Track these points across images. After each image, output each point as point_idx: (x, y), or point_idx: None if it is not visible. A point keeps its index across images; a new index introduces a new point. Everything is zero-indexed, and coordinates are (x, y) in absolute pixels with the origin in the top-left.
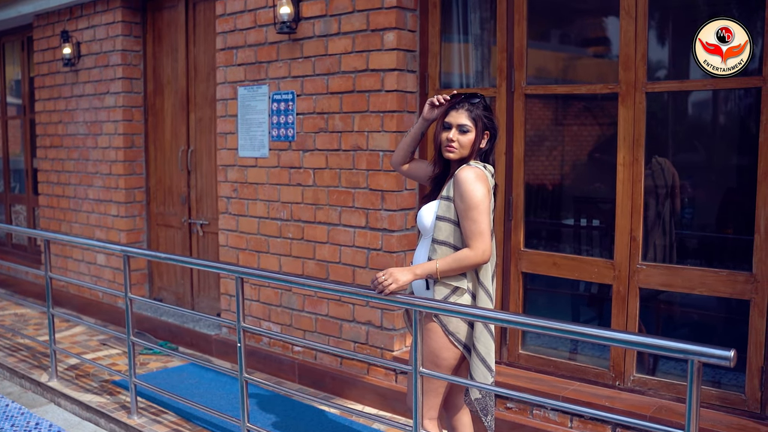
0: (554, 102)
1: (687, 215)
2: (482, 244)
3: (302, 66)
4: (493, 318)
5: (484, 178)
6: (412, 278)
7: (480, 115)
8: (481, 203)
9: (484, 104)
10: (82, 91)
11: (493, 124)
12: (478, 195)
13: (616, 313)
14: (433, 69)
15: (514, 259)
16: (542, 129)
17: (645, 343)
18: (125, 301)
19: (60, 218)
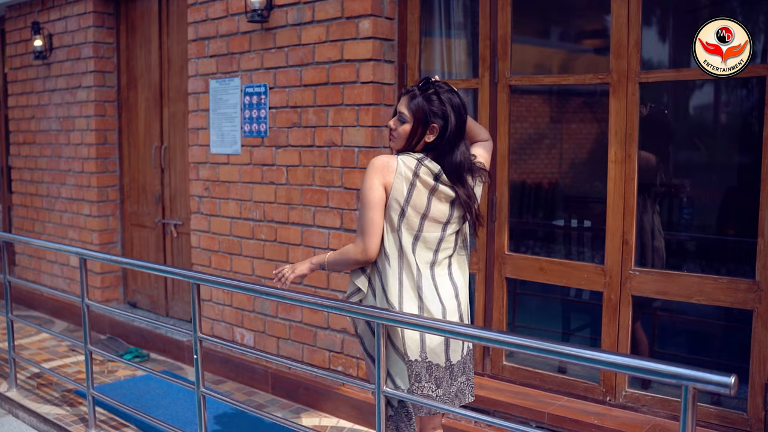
0: (541, 95)
1: (685, 216)
2: (362, 242)
3: (275, 57)
4: (452, 332)
5: (386, 169)
6: (308, 267)
7: (420, 106)
8: (365, 196)
9: (433, 94)
10: (55, 85)
11: (444, 116)
12: (365, 186)
13: (607, 323)
14: (412, 59)
15: (498, 264)
16: (529, 124)
17: (631, 365)
18: (82, 307)
19: (33, 217)
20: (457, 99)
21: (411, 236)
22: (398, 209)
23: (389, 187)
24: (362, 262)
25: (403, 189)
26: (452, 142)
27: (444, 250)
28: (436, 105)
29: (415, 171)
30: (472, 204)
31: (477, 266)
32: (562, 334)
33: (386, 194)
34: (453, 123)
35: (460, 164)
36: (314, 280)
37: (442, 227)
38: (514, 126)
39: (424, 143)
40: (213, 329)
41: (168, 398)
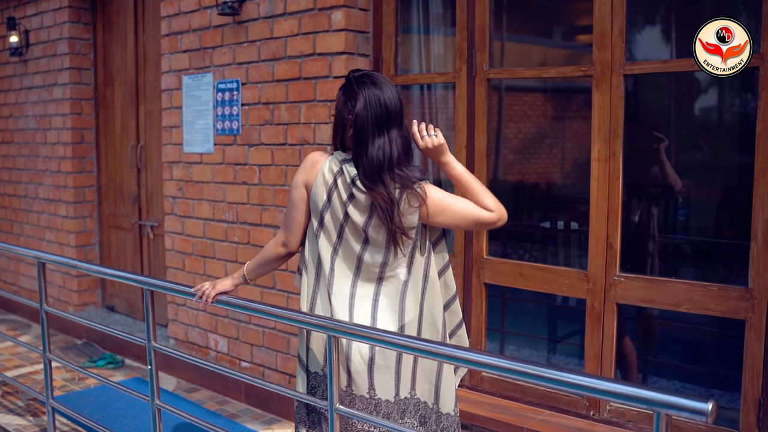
0: (522, 90)
1: (674, 219)
2: (282, 234)
3: (247, 51)
4: (403, 345)
5: (312, 168)
6: (231, 283)
7: (338, 98)
8: (290, 192)
9: (346, 86)
10: (31, 82)
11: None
12: (292, 182)
13: (591, 332)
14: (388, 52)
15: (476, 269)
16: (509, 120)
17: (597, 388)
18: (40, 314)
19: (12, 218)
20: (377, 91)
21: (330, 247)
22: (317, 214)
23: (310, 187)
24: (283, 255)
25: (323, 193)
26: (363, 137)
27: (368, 271)
28: (352, 96)
29: (336, 175)
30: (393, 208)
31: (455, 271)
32: (549, 341)
33: (308, 190)
34: (365, 115)
35: (375, 162)
36: (288, 285)
37: (361, 245)
38: (506, 124)
39: (348, 140)
40: (187, 335)
41: (137, 407)
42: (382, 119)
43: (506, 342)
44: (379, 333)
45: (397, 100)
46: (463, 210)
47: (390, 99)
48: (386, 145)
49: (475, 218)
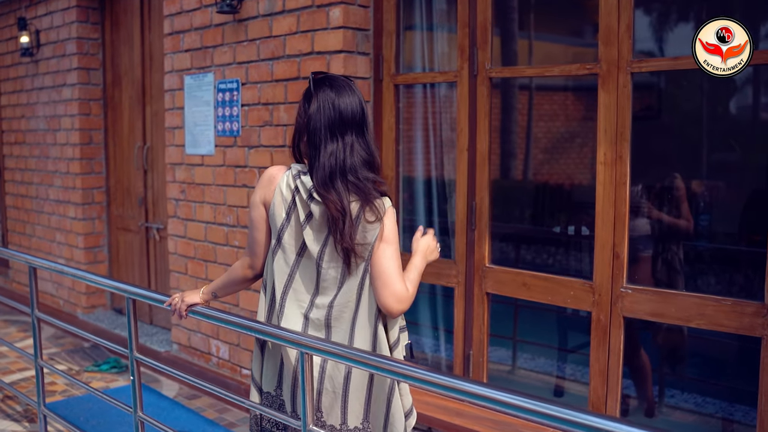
0: (525, 90)
1: (687, 227)
2: (247, 257)
3: (247, 50)
4: (380, 367)
5: (270, 183)
6: (200, 297)
7: (299, 104)
8: (250, 207)
9: (307, 88)
10: (42, 83)
11: (304, 111)
12: (251, 199)
13: (596, 347)
14: (389, 51)
15: (478, 278)
16: (511, 121)
17: (571, 420)
18: (32, 320)
19: (24, 219)
20: (332, 94)
21: (286, 270)
22: (276, 233)
23: (269, 205)
24: (250, 278)
25: (281, 211)
26: (315, 141)
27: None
28: (308, 99)
29: (294, 192)
30: (345, 219)
31: (456, 279)
32: (558, 350)
33: (267, 209)
34: (317, 118)
35: (327, 168)
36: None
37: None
38: (496, 125)
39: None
40: (190, 340)
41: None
42: (335, 124)
43: (518, 350)
44: (354, 352)
45: (357, 106)
46: (394, 262)
47: (346, 104)
48: (339, 152)
49: (394, 281)
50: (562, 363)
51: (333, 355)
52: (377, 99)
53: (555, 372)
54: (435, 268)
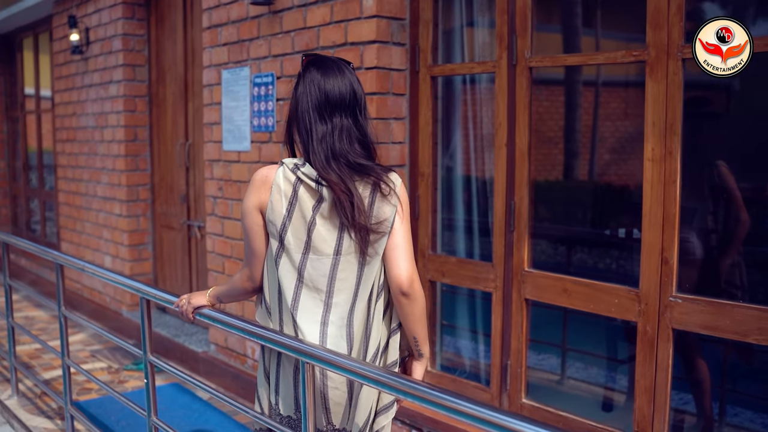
0: (568, 80)
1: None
2: (247, 268)
3: (282, 43)
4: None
5: (263, 185)
6: (206, 299)
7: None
8: (242, 219)
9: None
10: (91, 80)
11: (294, 95)
12: (242, 207)
13: (642, 361)
14: (425, 41)
15: (516, 282)
16: (552, 114)
17: None
18: (59, 317)
19: (75, 216)
20: (318, 76)
21: (294, 273)
22: (276, 235)
23: (265, 206)
24: (250, 290)
25: (281, 208)
26: (305, 125)
27: (340, 293)
28: (297, 83)
29: (295, 185)
30: (351, 199)
31: (494, 284)
32: (609, 360)
33: (263, 214)
34: (304, 101)
35: (321, 153)
36: None
37: (333, 257)
38: (536, 118)
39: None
40: (227, 341)
41: (167, 415)
42: (322, 106)
43: (568, 359)
44: (364, 367)
45: (346, 87)
46: (409, 241)
47: (333, 85)
48: (328, 135)
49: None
50: (614, 374)
51: (335, 366)
52: (413, 92)
53: (608, 384)
54: (472, 272)
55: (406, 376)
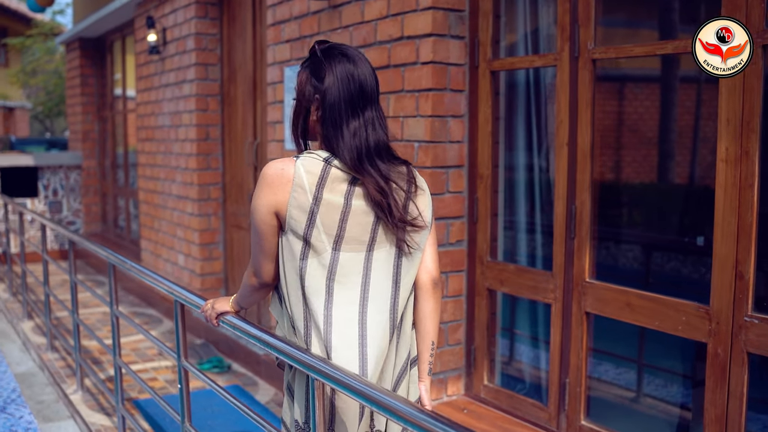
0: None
1: None
2: (251, 267)
3: (341, 37)
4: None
5: (279, 182)
6: (229, 305)
7: (300, 76)
8: (251, 217)
9: (312, 59)
10: (168, 80)
11: (313, 86)
12: (251, 205)
13: (713, 387)
14: (485, 33)
15: (577, 294)
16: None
17: None
18: (111, 317)
19: (153, 214)
20: (350, 65)
21: (323, 276)
22: (300, 234)
23: (283, 207)
24: (257, 286)
25: (306, 205)
26: (336, 119)
27: (377, 287)
28: (319, 71)
29: (323, 177)
30: (387, 199)
31: (553, 295)
32: (683, 377)
33: (280, 215)
34: (337, 93)
35: (354, 151)
36: None
37: (366, 252)
38: (599, 115)
39: (308, 127)
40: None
41: (220, 418)
42: (357, 98)
43: (645, 375)
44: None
45: (373, 77)
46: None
47: (365, 75)
48: (361, 129)
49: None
50: (694, 393)
51: (346, 388)
52: (473, 88)
53: (687, 404)
54: (531, 281)
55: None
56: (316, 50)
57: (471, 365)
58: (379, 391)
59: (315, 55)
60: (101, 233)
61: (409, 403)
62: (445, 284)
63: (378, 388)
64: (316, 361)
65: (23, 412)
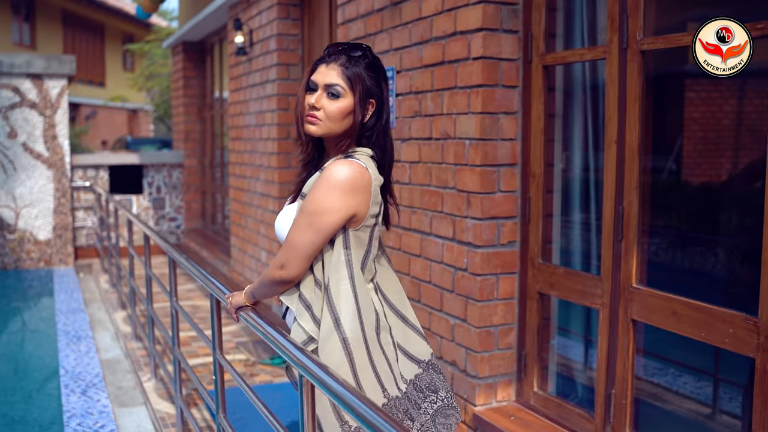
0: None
1: None
2: (284, 256)
3: (400, 35)
4: None
5: (362, 186)
6: (244, 298)
7: (361, 75)
8: (320, 215)
9: (370, 61)
10: (254, 80)
11: (380, 89)
12: (326, 204)
13: (762, 406)
14: (538, 26)
15: (623, 300)
16: (665, 106)
17: None
18: (170, 310)
19: (240, 211)
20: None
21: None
22: (371, 234)
23: (364, 209)
24: (282, 285)
25: (378, 205)
26: (387, 126)
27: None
28: (374, 75)
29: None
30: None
31: (601, 300)
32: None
33: (357, 216)
34: (386, 93)
35: (390, 159)
36: (430, 299)
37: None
38: (647, 110)
39: (357, 127)
40: None
41: (282, 413)
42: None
43: (721, 389)
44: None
45: None
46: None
47: None
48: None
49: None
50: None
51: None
52: (526, 83)
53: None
54: (580, 285)
55: None
56: (367, 53)
57: (522, 371)
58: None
59: (366, 56)
60: (201, 229)
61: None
62: (496, 286)
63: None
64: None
65: (101, 396)
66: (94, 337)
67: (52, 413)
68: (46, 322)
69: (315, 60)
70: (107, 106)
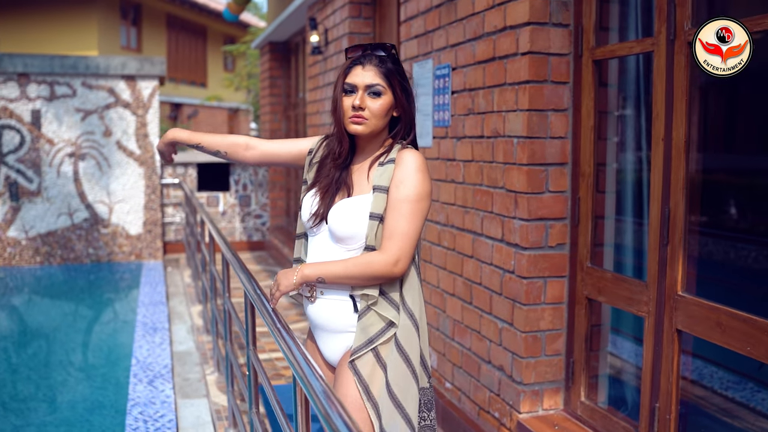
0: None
1: None
2: (399, 250)
3: (456, 32)
4: None
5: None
6: (300, 281)
7: (393, 71)
8: (423, 200)
9: (394, 57)
10: (329, 79)
11: (407, 84)
12: (426, 188)
13: None
14: (588, 19)
15: (669, 308)
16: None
17: None
18: (224, 307)
19: None
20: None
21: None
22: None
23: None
24: (388, 277)
25: None
26: (414, 123)
27: None
28: (401, 69)
29: None
30: None
31: (647, 308)
32: None
33: None
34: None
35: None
36: (480, 301)
37: None
38: (695, 105)
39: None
40: None
41: None
42: None
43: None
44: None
45: None
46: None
47: None
48: None
49: None
50: None
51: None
52: (576, 79)
53: None
54: (627, 291)
55: None
56: (392, 52)
57: (569, 379)
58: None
59: (391, 54)
60: (285, 227)
61: None
62: (543, 290)
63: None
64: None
65: (166, 387)
66: (170, 329)
67: (118, 401)
68: (128, 313)
69: (345, 63)
70: (208, 106)
